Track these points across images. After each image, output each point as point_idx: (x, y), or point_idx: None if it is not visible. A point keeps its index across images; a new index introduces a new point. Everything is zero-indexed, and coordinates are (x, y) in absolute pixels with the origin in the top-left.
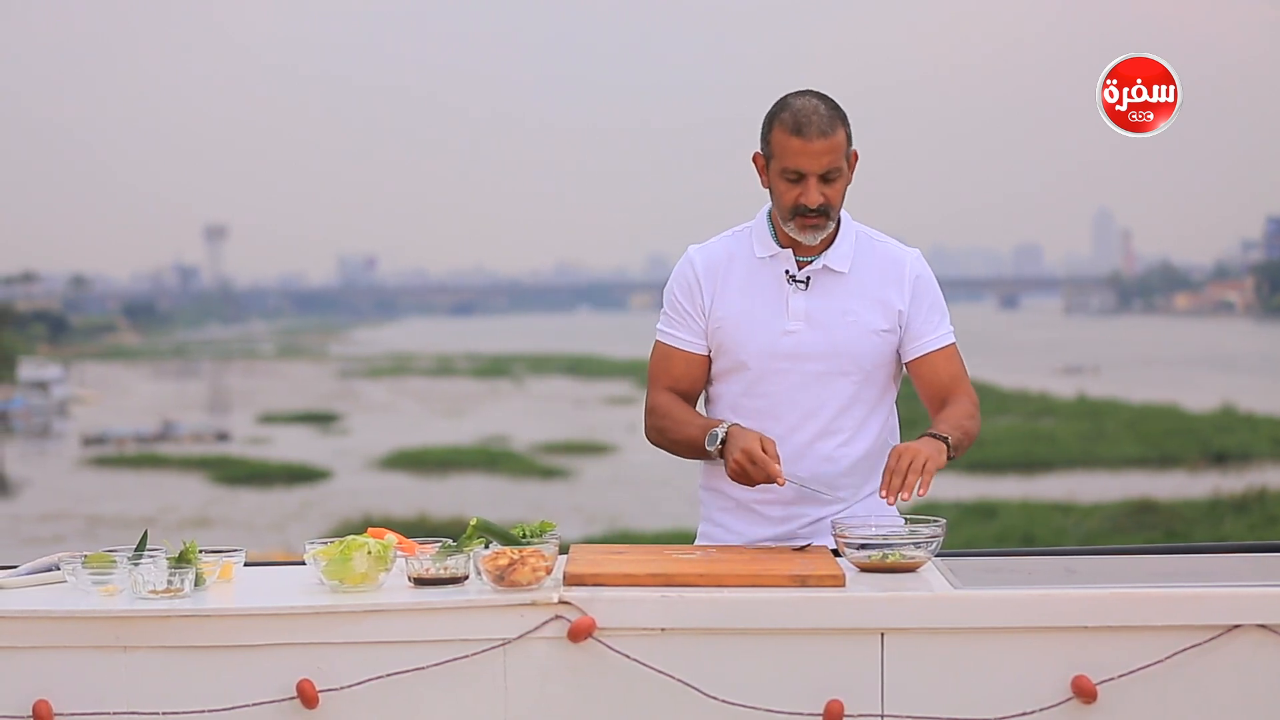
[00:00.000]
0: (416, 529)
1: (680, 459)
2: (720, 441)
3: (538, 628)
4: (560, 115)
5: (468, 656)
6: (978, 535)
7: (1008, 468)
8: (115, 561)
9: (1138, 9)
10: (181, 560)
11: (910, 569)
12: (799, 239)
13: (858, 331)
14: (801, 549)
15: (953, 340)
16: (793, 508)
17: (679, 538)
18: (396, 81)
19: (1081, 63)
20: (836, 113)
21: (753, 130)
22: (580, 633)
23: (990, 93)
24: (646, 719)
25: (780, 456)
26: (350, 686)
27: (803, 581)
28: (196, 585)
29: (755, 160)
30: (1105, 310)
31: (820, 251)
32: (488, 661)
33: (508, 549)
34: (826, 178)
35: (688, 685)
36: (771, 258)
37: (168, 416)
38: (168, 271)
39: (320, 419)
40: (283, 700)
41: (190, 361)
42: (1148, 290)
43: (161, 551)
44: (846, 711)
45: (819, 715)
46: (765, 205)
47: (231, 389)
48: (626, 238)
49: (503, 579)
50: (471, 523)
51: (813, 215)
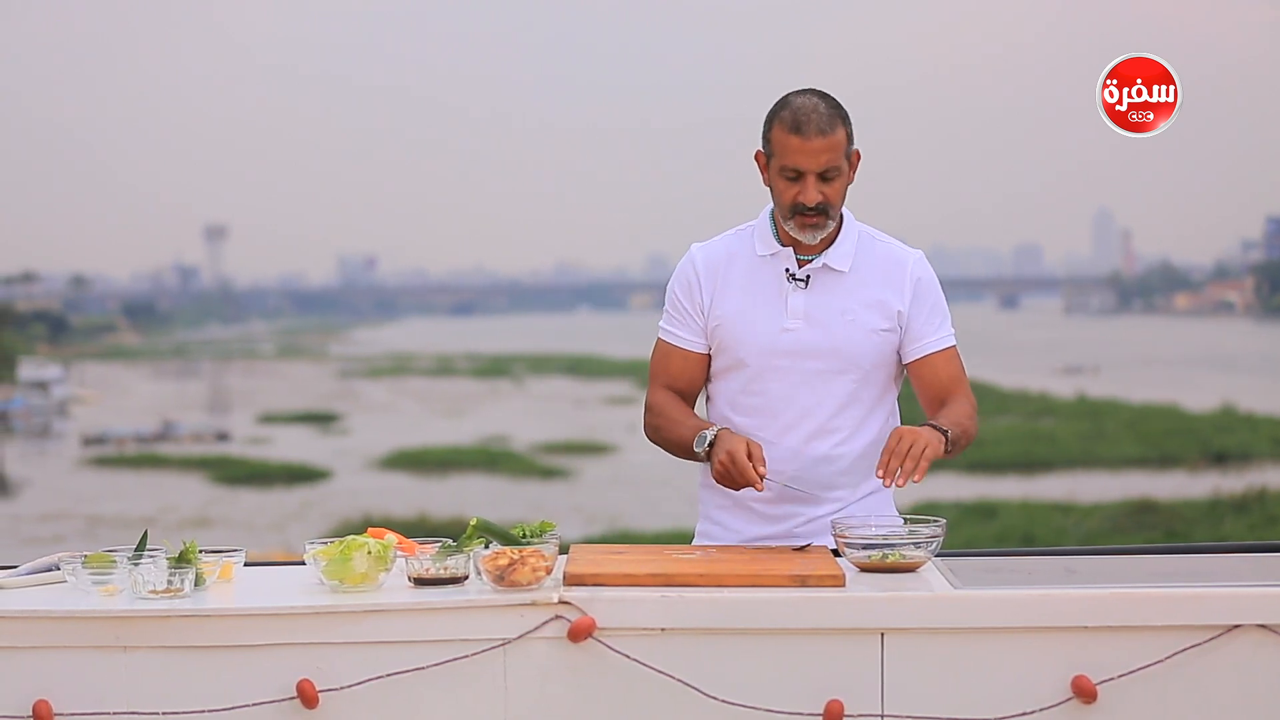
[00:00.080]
0: (416, 529)
1: (680, 459)
2: (709, 444)
3: (538, 628)
4: (560, 115)
5: (468, 656)
6: (978, 535)
7: (1008, 468)
8: (115, 561)
9: (1138, 9)
10: (181, 560)
11: (910, 569)
12: (798, 237)
13: (856, 331)
14: (801, 549)
15: (953, 343)
16: (789, 506)
17: (679, 538)
18: (396, 81)
19: (1081, 63)
20: (837, 112)
21: (753, 130)
22: (580, 633)
23: (990, 93)
24: (646, 719)
25: (767, 459)
26: (350, 686)
27: (803, 581)
28: (196, 585)
29: (757, 158)
30: (1105, 310)
31: (821, 250)
32: (488, 661)
33: (508, 549)
34: (825, 176)
35: (688, 685)
36: (772, 256)
37: (168, 416)
38: (168, 271)
39: (320, 419)
40: (283, 700)
41: (190, 361)
42: (1148, 290)
43: (161, 551)
44: (846, 711)
45: (819, 715)
46: (769, 204)
47: (231, 389)
48: (626, 238)
49: (503, 579)
50: (471, 523)
51: (811, 214)
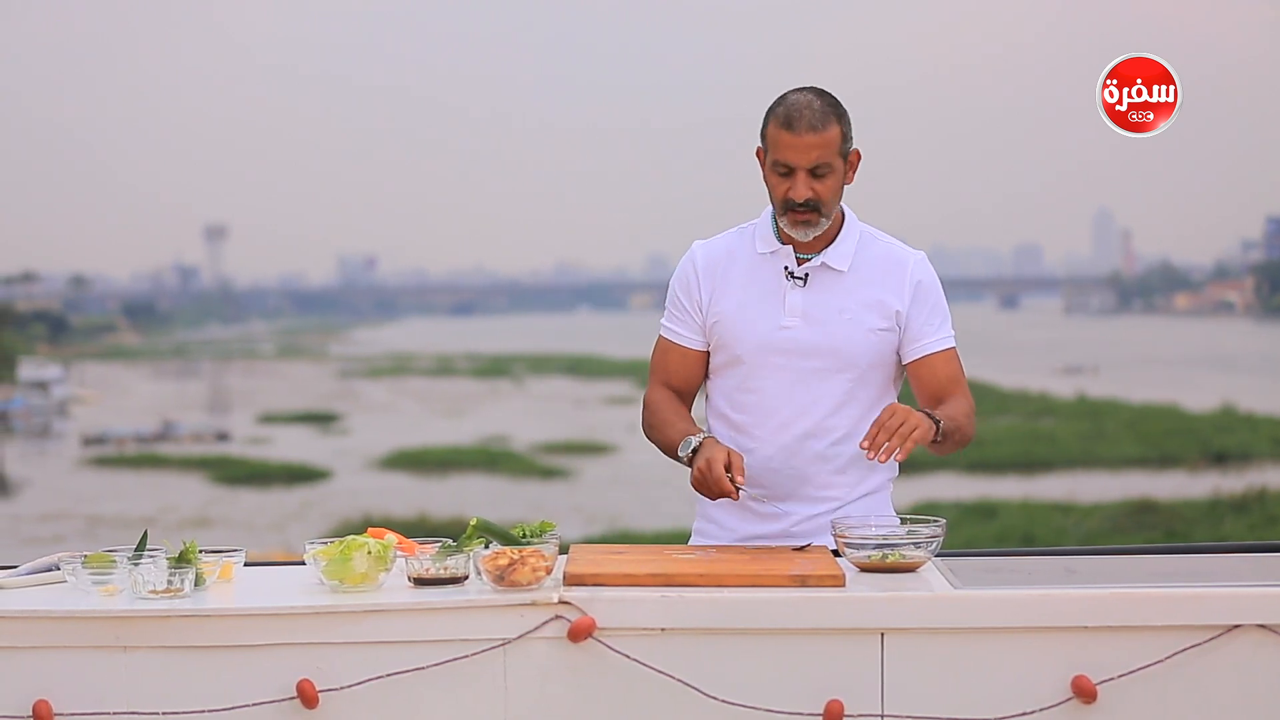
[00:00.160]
0: (416, 529)
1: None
2: (692, 450)
3: (538, 628)
4: (560, 115)
5: (468, 656)
6: (978, 535)
7: (1008, 468)
8: (115, 561)
9: (1138, 9)
10: (181, 560)
11: (910, 569)
12: (790, 234)
13: (854, 330)
14: (801, 549)
15: (953, 345)
16: (785, 504)
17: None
18: (396, 81)
19: (1081, 63)
20: (833, 110)
21: (753, 130)
22: (580, 633)
23: (990, 93)
24: (646, 719)
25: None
26: (350, 686)
27: (803, 581)
28: (196, 585)
29: (758, 155)
30: (1105, 310)
31: (821, 249)
32: (488, 661)
33: (508, 549)
34: (816, 173)
35: (688, 685)
36: (772, 254)
37: (168, 416)
38: (168, 271)
39: (320, 419)
40: (283, 700)
41: (190, 361)
42: (1148, 290)
43: (161, 551)
44: (846, 711)
45: (819, 715)
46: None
47: (231, 389)
48: (626, 238)
49: (503, 579)
50: (471, 523)
51: (801, 210)
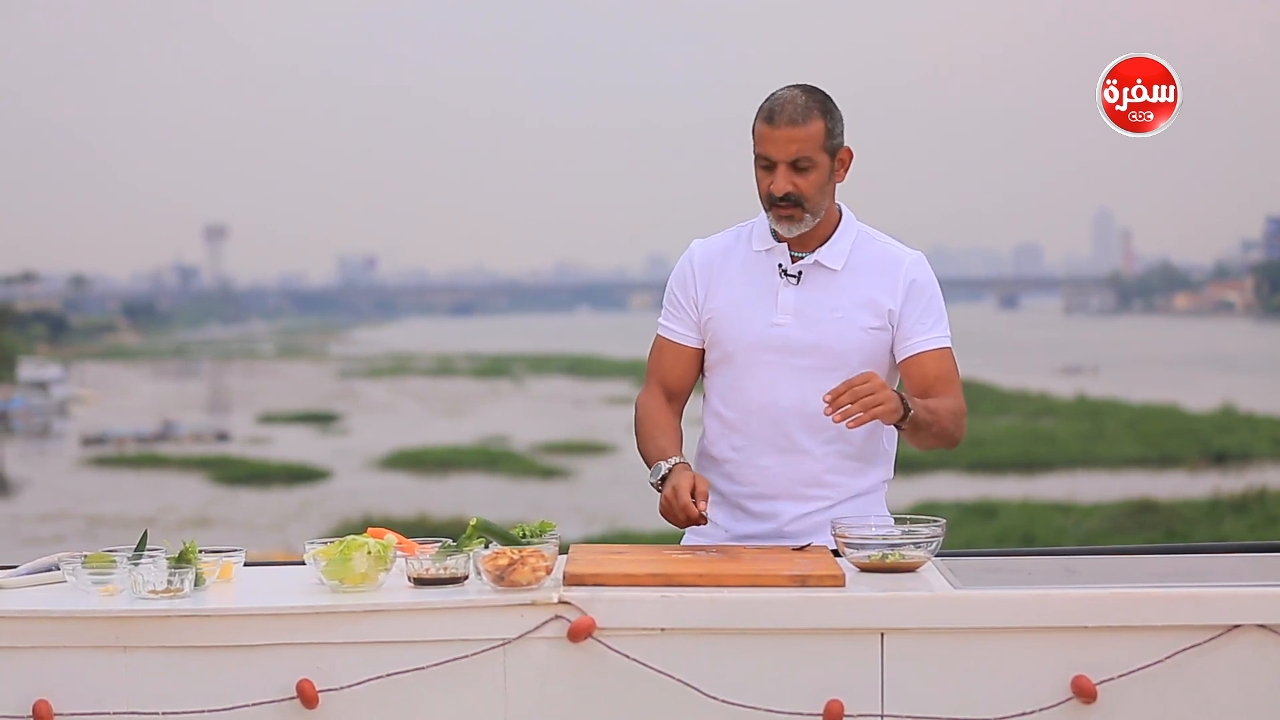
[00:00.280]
0: (416, 529)
1: (689, 457)
2: (661, 477)
3: (538, 628)
4: (560, 115)
5: (468, 656)
6: (978, 535)
7: (1008, 468)
8: (115, 561)
9: (1138, 9)
10: (181, 560)
11: (910, 569)
12: (776, 229)
13: (846, 328)
14: (801, 549)
15: (947, 345)
16: (775, 503)
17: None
18: (396, 81)
19: (1081, 63)
20: (818, 105)
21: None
22: (580, 633)
23: (990, 93)
24: (646, 719)
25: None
26: (350, 686)
27: (803, 581)
28: (196, 585)
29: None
30: (1105, 310)
31: (815, 247)
32: (488, 661)
33: (508, 549)
34: (797, 166)
35: (688, 685)
36: (767, 252)
37: (168, 416)
38: (168, 271)
39: (320, 419)
40: (283, 700)
41: (190, 361)
42: (1148, 290)
43: (161, 551)
44: (846, 711)
45: (819, 715)
46: None
47: (231, 389)
48: (626, 238)
49: (503, 579)
50: (471, 523)
51: (783, 205)
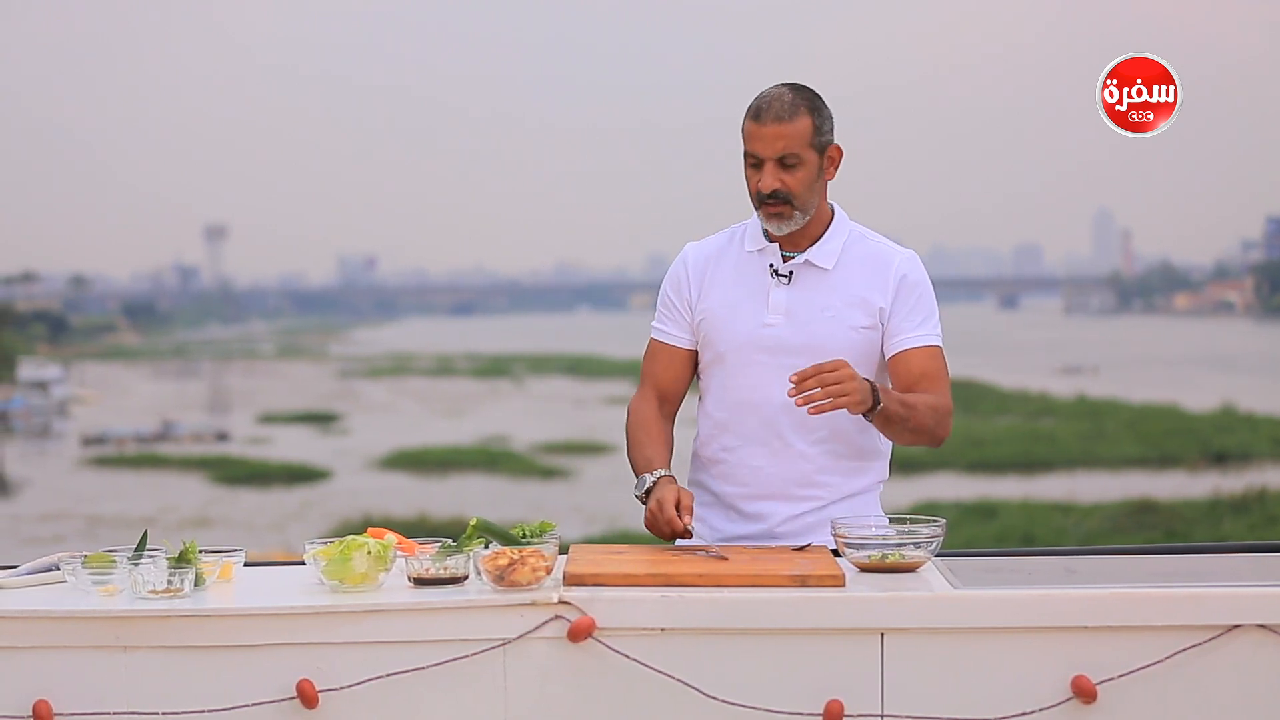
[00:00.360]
0: (416, 529)
1: (678, 458)
2: (645, 490)
3: (538, 628)
4: (560, 115)
5: (468, 656)
6: (978, 535)
7: (1008, 468)
8: (115, 561)
9: (1138, 9)
10: (181, 560)
11: (910, 569)
12: (767, 227)
13: (836, 327)
14: (801, 549)
15: (935, 343)
16: (766, 504)
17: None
18: (396, 81)
19: (1081, 63)
20: (805, 103)
21: None
22: (580, 633)
23: (990, 93)
24: (646, 719)
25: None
26: (350, 686)
27: (803, 581)
28: (196, 585)
29: None
30: (1105, 310)
31: (807, 247)
32: (488, 661)
33: (508, 549)
34: (784, 163)
35: (688, 685)
36: (759, 252)
37: (168, 416)
38: (168, 271)
39: (320, 419)
40: (283, 700)
41: (190, 361)
42: (1148, 290)
43: (161, 551)
44: (846, 711)
45: (819, 715)
46: None
47: (231, 389)
48: (626, 238)
49: (503, 579)
50: (471, 523)
51: (772, 202)
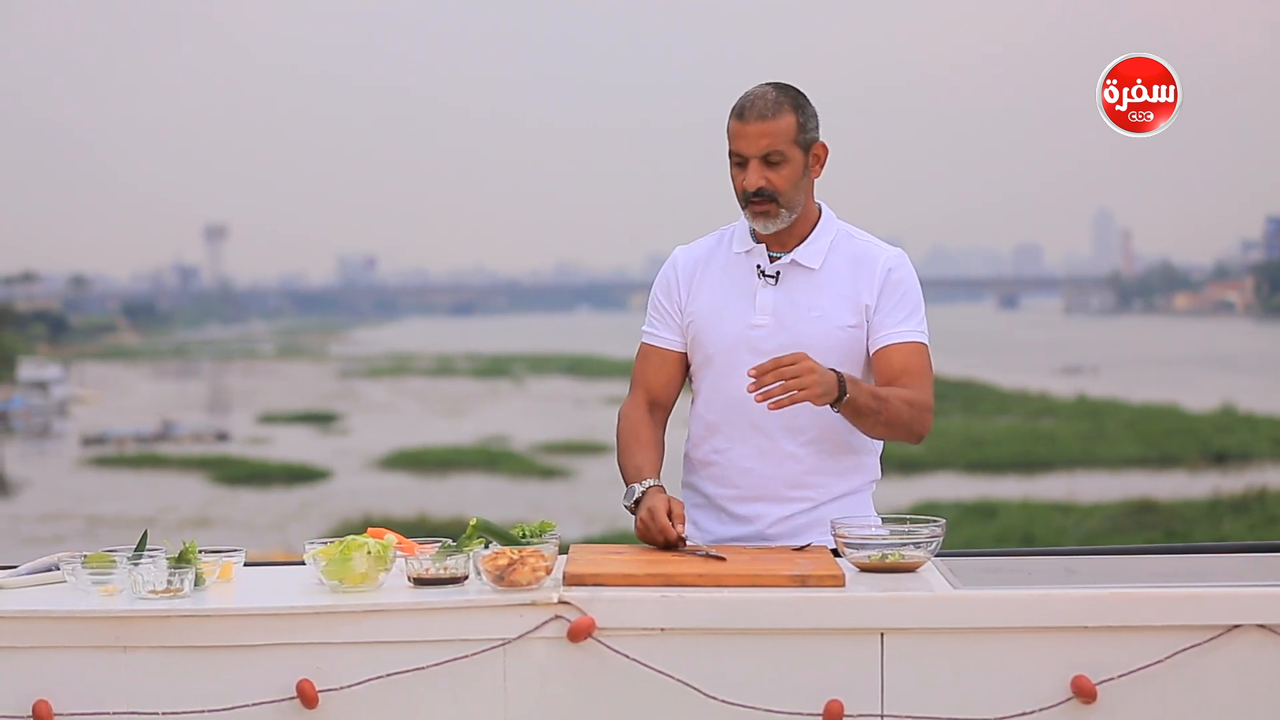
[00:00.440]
0: (416, 529)
1: (672, 459)
2: (635, 500)
3: (538, 628)
4: (560, 115)
5: (468, 656)
6: (978, 535)
7: (1008, 468)
8: (115, 561)
9: (1138, 9)
10: (181, 560)
11: (910, 569)
12: (753, 226)
13: (824, 327)
14: (801, 549)
15: (919, 340)
16: (757, 506)
17: None
18: (396, 81)
19: (1081, 63)
20: (789, 100)
21: None
22: (580, 633)
23: (990, 93)
24: (646, 719)
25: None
26: (350, 686)
27: (803, 581)
28: (196, 585)
29: None
30: (1105, 310)
31: (794, 247)
32: (488, 661)
33: (508, 549)
34: (769, 161)
35: (688, 685)
36: (747, 253)
37: (168, 416)
38: (168, 271)
39: (320, 419)
40: (283, 700)
41: (190, 361)
42: (1148, 290)
43: (161, 551)
44: (846, 711)
45: (819, 715)
46: None
47: (231, 389)
48: (626, 238)
49: (503, 579)
50: (471, 523)
51: (757, 200)
